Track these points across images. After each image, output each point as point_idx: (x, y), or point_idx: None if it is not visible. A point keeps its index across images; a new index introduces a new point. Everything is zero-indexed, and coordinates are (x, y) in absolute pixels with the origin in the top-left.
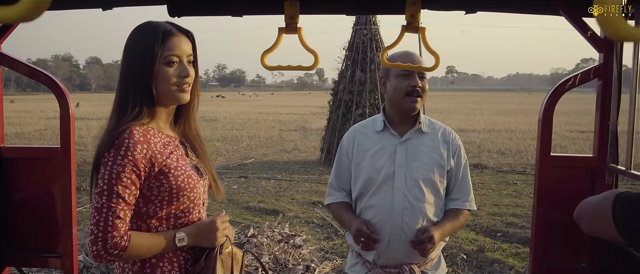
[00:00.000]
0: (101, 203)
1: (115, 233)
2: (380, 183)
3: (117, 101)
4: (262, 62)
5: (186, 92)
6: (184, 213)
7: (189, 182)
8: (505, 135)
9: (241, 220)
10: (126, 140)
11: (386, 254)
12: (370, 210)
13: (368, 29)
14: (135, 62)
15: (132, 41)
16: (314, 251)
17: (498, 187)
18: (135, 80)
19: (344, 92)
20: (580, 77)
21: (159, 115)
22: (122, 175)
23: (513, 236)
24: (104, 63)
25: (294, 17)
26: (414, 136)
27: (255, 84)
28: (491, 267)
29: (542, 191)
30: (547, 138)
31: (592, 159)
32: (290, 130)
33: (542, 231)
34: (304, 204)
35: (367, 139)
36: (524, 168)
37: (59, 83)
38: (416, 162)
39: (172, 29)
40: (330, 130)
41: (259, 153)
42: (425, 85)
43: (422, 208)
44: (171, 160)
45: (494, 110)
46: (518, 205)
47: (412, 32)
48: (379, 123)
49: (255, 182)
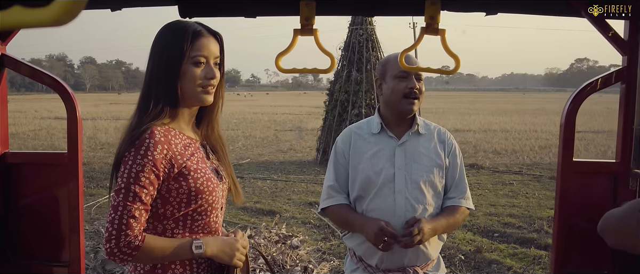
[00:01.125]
0: (118, 202)
1: (128, 232)
2: (381, 186)
3: (141, 99)
4: (276, 65)
5: (210, 94)
6: (201, 215)
7: (208, 185)
8: (501, 135)
9: (237, 220)
10: (147, 140)
11: (389, 257)
12: (372, 214)
13: (364, 28)
14: (163, 60)
15: (161, 39)
16: (311, 252)
17: (494, 187)
18: (161, 78)
19: (340, 92)
20: (601, 81)
21: (181, 115)
22: (141, 175)
23: (510, 237)
24: (98, 63)
25: (310, 18)
26: (412, 138)
27: (250, 84)
28: (489, 268)
29: (563, 197)
30: (569, 144)
31: (615, 164)
32: (286, 130)
33: (563, 238)
34: (301, 204)
35: (364, 141)
36: (520, 168)
37: (65, 85)
38: (415, 164)
39: (201, 30)
40: (326, 130)
41: (255, 153)
42: (422, 87)
43: (424, 210)
44: (191, 161)
45: (489, 110)
46: (515, 205)
47: (432, 34)
48: (375, 125)
49: (252, 182)
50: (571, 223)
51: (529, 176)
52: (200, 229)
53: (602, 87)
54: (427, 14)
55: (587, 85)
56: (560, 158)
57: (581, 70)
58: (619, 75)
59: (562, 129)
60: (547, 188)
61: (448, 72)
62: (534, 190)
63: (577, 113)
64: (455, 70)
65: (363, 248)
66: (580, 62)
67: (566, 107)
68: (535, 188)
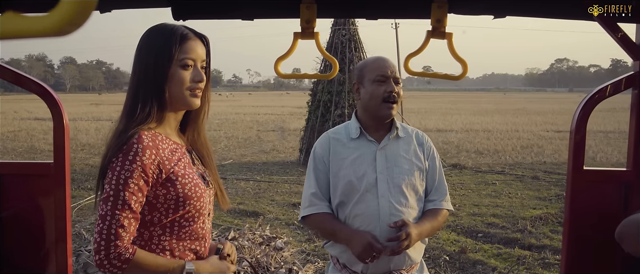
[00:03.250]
0: (106, 211)
1: (118, 243)
2: (363, 191)
3: (127, 103)
4: (275, 70)
5: (198, 97)
6: (189, 222)
7: (196, 191)
8: (483, 135)
9: (221, 222)
10: (135, 145)
11: (376, 263)
12: (356, 219)
13: (347, 29)
14: (150, 63)
15: (148, 42)
16: (295, 254)
17: (477, 187)
18: (148, 82)
19: (323, 93)
20: (611, 87)
21: (167, 120)
22: (130, 181)
23: (494, 237)
24: (78, 63)
25: (311, 21)
26: (391, 142)
27: (232, 84)
28: (474, 268)
29: (574, 205)
30: (580, 152)
31: (626, 173)
32: (268, 130)
33: (573, 247)
34: (284, 205)
35: (343, 146)
36: (503, 168)
37: (51, 92)
38: (397, 168)
39: (189, 33)
40: (309, 130)
41: (237, 154)
42: (400, 91)
43: (408, 214)
44: (179, 167)
45: (470, 110)
46: (498, 205)
47: (439, 37)
48: (354, 130)
49: (234, 184)
50: (581, 233)
51: (511, 176)
52: (188, 236)
53: (612, 94)
54: (434, 17)
55: (597, 92)
56: (571, 166)
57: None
58: (630, 81)
59: (572, 136)
60: (530, 188)
61: (455, 77)
62: (517, 189)
63: (587, 120)
64: (463, 75)
65: (347, 255)
66: (560, 62)
67: (576, 114)
68: (518, 188)
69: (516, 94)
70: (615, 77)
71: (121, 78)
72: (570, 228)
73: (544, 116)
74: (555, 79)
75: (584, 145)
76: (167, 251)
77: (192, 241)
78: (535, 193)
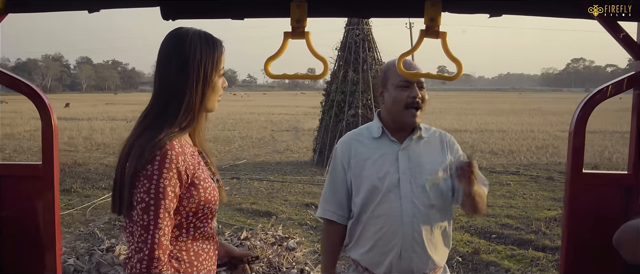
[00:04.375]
0: (148, 221)
1: (161, 254)
2: (386, 192)
3: (164, 110)
4: (266, 71)
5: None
6: (203, 223)
7: (214, 194)
8: (498, 135)
9: (234, 222)
10: (169, 152)
11: (398, 265)
12: (378, 220)
13: (360, 29)
14: (198, 72)
15: (192, 49)
16: (307, 254)
17: (491, 188)
18: (193, 91)
19: (337, 93)
20: (612, 87)
21: (192, 125)
22: (169, 189)
23: (508, 238)
24: (94, 63)
25: (302, 20)
26: (414, 142)
27: (247, 84)
28: (487, 269)
29: (572, 209)
30: (579, 154)
31: (627, 176)
32: (283, 130)
33: (572, 252)
34: (297, 205)
35: (365, 147)
36: (517, 168)
37: (41, 94)
38: (420, 168)
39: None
40: (322, 130)
41: (251, 153)
42: (425, 95)
43: (432, 214)
44: (200, 171)
45: (485, 110)
46: (512, 205)
47: (432, 37)
48: (375, 130)
49: (248, 183)
50: (581, 237)
51: (526, 176)
52: (201, 236)
53: (613, 94)
54: (427, 15)
55: (598, 92)
56: (569, 169)
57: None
58: (632, 81)
59: (570, 138)
60: (544, 188)
61: (450, 77)
62: (531, 190)
63: (587, 121)
64: (458, 76)
65: (368, 257)
66: (576, 62)
67: (575, 115)
68: (533, 188)
69: (532, 94)
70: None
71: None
72: (569, 232)
73: (560, 116)
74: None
75: (583, 147)
76: (183, 252)
77: (203, 241)
78: (550, 194)
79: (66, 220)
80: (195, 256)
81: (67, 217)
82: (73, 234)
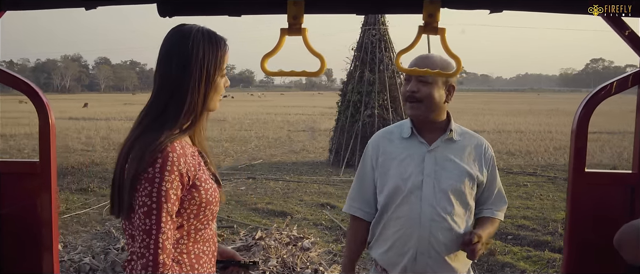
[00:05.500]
0: (151, 225)
1: (165, 258)
2: (407, 193)
3: (165, 109)
4: (262, 67)
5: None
6: (204, 225)
7: (215, 196)
8: (515, 136)
9: (249, 221)
10: (171, 154)
11: (413, 269)
12: (396, 222)
13: (377, 29)
14: (200, 71)
15: (195, 48)
16: (322, 254)
17: (508, 189)
18: (199, 91)
19: (353, 93)
20: (616, 84)
21: (194, 126)
22: (171, 192)
23: (524, 239)
24: (113, 64)
25: (298, 17)
26: (444, 144)
27: (264, 84)
28: (502, 271)
29: (575, 210)
30: (581, 153)
31: (631, 176)
32: (299, 130)
33: (575, 253)
34: (313, 206)
35: (393, 146)
36: (534, 169)
37: (39, 92)
38: (445, 172)
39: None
40: (338, 130)
41: (267, 153)
42: (427, 90)
43: (451, 221)
44: (200, 172)
45: (503, 111)
46: (529, 207)
47: (431, 33)
48: (406, 130)
49: (264, 183)
50: (583, 238)
51: (543, 177)
52: (201, 239)
53: (617, 91)
54: (426, 11)
55: (601, 89)
56: (572, 168)
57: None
58: (636, 78)
59: (573, 136)
60: (562, 190)
61: (449, 74)
62: (549, 191)
63: (590, 119)
64: (457, 72)
65: (386, 258)
66: (595, 62)
67: (578, 113)
68: (550, 189)
69: (550, 94)
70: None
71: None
72: (571, 232)
73: None
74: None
75: (585, 145)
76: (184, 255)
77: (204, 243)
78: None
79: (83, 218)
80: (196, 259)
81: (84, 216)
82: (89, 233)
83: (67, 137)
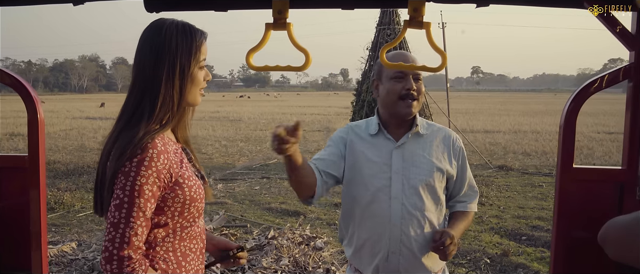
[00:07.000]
0: (119, 218)
1: (131, 254)
2: (376, 192)
3: (141, 105)
4: (247, 62)
5: (202, 95)
6: (190, 222)
7: (199, 192)
8: (531, 136)
9: (262, 221)
10: (150, 150)
11: (385, 268)
12: (367, 221)
13: (391, 28)
14: (173, 64)
15: (167, 40)
16: (334, 254)
17: (523, 189)
18: (173, 84)
19: (367, 93)
20: (607, 78)
21: (174, 120)
22: (145, 187)
23: (538, 240)
24: (130, 64)
25: (283, 12)
26: (411, 140)
27: (280, 84)
28: (515, 272)
29: (563, 206)
30: (569, 148)
31: (621, 172)
32: (314, 130)
33: (562, 252)
34: (326, 205)
35: (361, 142)
36: (550, 170)
37: (26, 85)
38: (414, 168)
39: (204, 32)
40: None
41: None
42: (420, 87)
43: (423, 217)
44: (184, 169)
45: (519, 111)
46: (544, 207)
47: (416, 27)
48: (373, 126)
49: (278, 183)
50: (571, 236)
51: None
52: (188, 236)
53: (608, 86)
54: (411, 6)
55: (591, 83)
56: (559, 164)
57: None
58: (627, 72)
59: (561, 131)
60: None
61: (433, 69)
62: None
63: (577, 114)
64: (441, 67)
65: (358, 258)
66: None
67: (566, 108)
68: None
69: (567, 95)
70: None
71: None
72: (558, 229)
73: (595, 117)
74: None
75: (573, 140)
76: (170, 253)
77: (191, 240)
78: None
79: (98, 217)
80: (183, 256)
81: (92, 215)
82: (102, 231)
83: (84, 137)
